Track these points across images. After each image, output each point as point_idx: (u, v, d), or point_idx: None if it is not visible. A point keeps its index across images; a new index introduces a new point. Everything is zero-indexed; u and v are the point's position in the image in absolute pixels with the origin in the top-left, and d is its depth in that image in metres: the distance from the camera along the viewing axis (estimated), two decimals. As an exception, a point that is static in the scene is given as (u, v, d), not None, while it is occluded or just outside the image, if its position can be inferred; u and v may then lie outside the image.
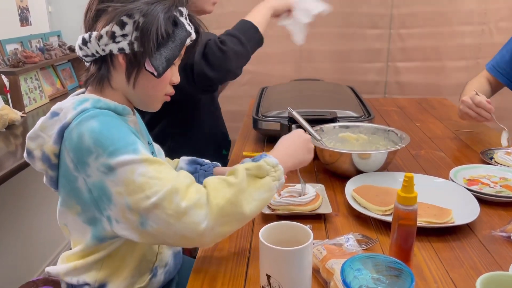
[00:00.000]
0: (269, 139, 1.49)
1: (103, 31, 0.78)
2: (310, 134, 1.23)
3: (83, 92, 0.88)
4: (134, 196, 0.73)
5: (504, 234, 0.90)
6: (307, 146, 0.95)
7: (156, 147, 1.11)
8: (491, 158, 1.26)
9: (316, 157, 1.26)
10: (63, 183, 0.82)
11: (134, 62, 0.80)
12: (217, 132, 1.60)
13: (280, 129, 1.41)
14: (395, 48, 2.27)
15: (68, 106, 0.79)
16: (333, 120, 1.39)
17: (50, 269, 0.90)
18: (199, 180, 1.10)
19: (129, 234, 0.77)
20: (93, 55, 0.82)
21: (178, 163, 1.14)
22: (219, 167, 1.13)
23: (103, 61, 0.83)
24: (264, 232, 0.72)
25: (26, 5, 2.24)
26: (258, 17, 1.33)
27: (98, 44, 0.79)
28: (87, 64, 0.86)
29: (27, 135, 0.83)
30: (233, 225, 0.78)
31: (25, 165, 1.48)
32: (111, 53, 0.80)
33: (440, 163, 1.29)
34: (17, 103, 1.90)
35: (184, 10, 0.84)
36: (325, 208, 0.99)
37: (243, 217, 0.78)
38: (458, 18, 2.21)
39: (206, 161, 1.14)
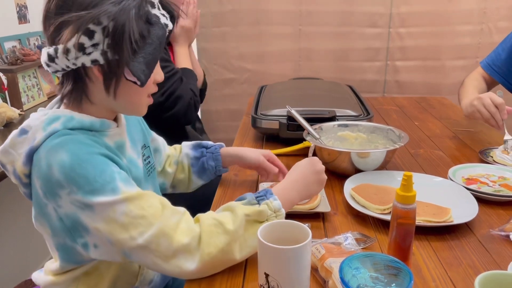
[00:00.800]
0: (267, 138, 1.49)
1: (69, 44, 0.69)
2: (309, 133, 1.23)
3: (59, 104, 0.81)
4: (116, 236, 0.70)
5: (502, 233, 0.90)
6: (320, 178, 0.92)
7: (161, 140, 1.09)
8: (490, 157, 1.26)
9: (315, 155, 1.26)
10: (34, 203, 0.77)
11: (111, 73, 0.73)
12: (194, 129, 1.66)
13: (278, 127, 1.41)
14: (394, 47, 2.27)
15: (37, 126, 0.73)
16: (332, 118, 1.39)
17: (34, 278, 0.89)
18: (208, 164, 1.08)
19: (109, 257, 0.74)
20: (63, 70, 0.73)
21: (181, 149, 1.12)
22: (225, 148, 1.11)
23: (77, 75, 0.74)
24: (263, 231, 0.72)
25: (24, 3, 2.24)
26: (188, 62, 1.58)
27: (66, 58, 0.70)
28: (59, 77, 0.77)
29: (0, 148, 0.78)
30: (221, 268, 0.78)
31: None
32: (83, 66, 0.72)
33: (439, 162, 1.28)
34: (15, 101, 1.90)
35: (155, 0, 0.76)
36: (324, 206, 0.99)
37: (233, 262, 0.77)
38: (458, 17, 2.21)
39: (210, 143, 1.12)
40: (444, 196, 1.01)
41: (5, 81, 1.84)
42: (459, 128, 1.59)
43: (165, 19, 0.76)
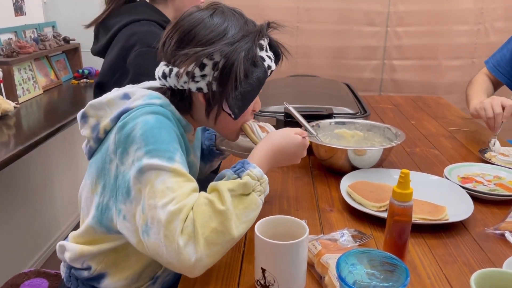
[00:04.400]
0: (264, 134, 1.48)
1: (182, 70, 0.79)
2: (306, 130, 1.23)
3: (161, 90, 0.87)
4: (148, 201, 0.72)
5: (497, 232, 0.90)
6: (301, 154, 0.90)
7: None
8: (487, 158, 1.27)
9: (311, 152, 1.27)
10: (98, 159, 0.83)
11: (213, 102, 0.82)
12: None
13: (276, 124, 1.40)
14: (391, 46, 2.27)
15: (140, 96, 0.81)
16: (329, 116, 1.39)
17: (64, 243, 0.90)
18: (204, 144, 1.11)
19: (128, 235, 0.75)
20: (171, 88, 0.83)
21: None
22: None
23: (184, 95, 0.84)
24: (260, 226, 0.72)
25: (21, -5, 2.22)
26: None
27: (177, 80, 0.80)
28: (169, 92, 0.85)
29: (90, 102, 0.85)
30: (223, 252, 0.72)
31: (17, 156, 1.47)
32: (190, 90, 0.82)
33: (435, 161, 1.29)
34: (11, 94, 1.89)
35: (264, 42, 0.84)
36: None
37: (232, 242, 0.73)
38: (455, 17, 2.22)
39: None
40: (439, 195, 1.01)
41: (0, 74, 1.83)
42: (455, 127, 1.59)
43: (269, 61, 0.85)
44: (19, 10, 2.21)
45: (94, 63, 2.44)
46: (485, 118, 1.35)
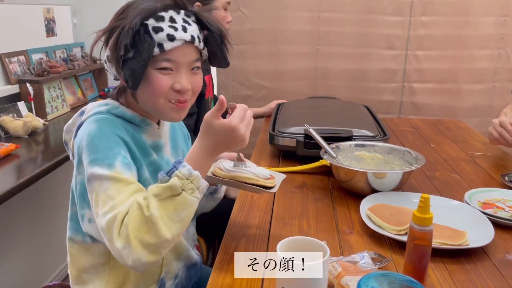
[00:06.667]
0: (284, 155, 1.51)
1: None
2: (326, 151, 1.25)
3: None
4: (94, 209, 0.78)
5: (518, 259, 0.90)
6: (240, 143, 0.84)
7: None
8: (511, 182, 1.26)
9: (331, 174, 1.28)
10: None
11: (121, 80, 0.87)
12: None
13: (296, 145, 1.43)
14: (411, 69, 2.28)
15: (91, 108, 0.88)
16: (349, 138, 1.41)
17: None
18: None
19: (97, 235, 0.82)
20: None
21: None
22: None
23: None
24: (281, 246, 0.74)
25: (53, 17, 2.32)
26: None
27: (110, 69, 0.89)
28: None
29: (64, 127, 0.93)
30: (161, 252, 0.76)
31: (45, 172, 1.52)
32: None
33: (455, 185, 1.29)
34: (40, 111, 1.96)
35: (167, 14, 0.81)
36: (275, 187, 0.93)
37: (168, 243, 0.76)
38: (475, 41, 2.22)
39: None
40: (460, 220, 1.01)
41: (31, 92, 1.91)
42: (475, 152, 1.59)
43: (172, 30, 0.81)
44: (50, 31, 2.31)
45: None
46: (494, 141, 1.44)
